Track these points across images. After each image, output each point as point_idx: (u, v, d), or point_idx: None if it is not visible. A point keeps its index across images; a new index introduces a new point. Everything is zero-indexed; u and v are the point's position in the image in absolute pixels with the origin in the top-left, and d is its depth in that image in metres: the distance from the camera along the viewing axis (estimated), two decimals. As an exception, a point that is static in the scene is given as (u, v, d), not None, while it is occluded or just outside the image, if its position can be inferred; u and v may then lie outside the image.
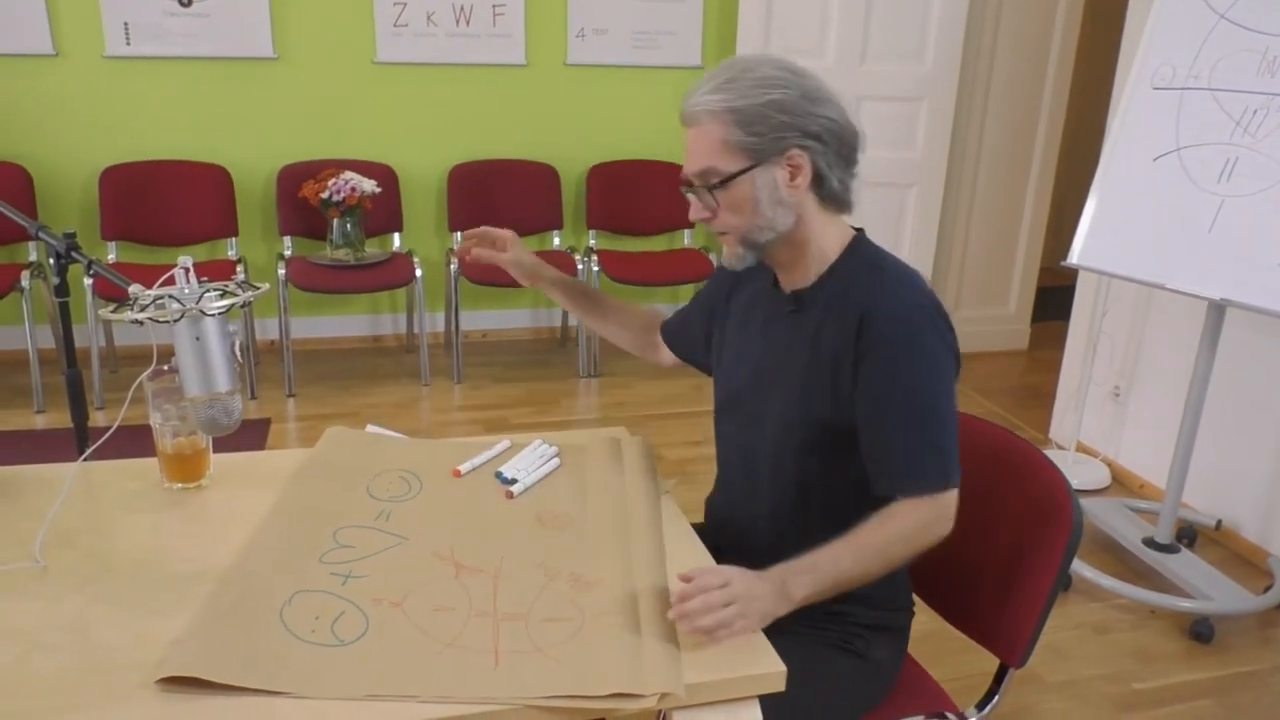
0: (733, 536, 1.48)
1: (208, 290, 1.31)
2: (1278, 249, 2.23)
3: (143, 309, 1.27)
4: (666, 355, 1.70)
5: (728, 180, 1.28)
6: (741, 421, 1.46)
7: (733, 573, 1.18)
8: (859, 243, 1.37)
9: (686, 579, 1.17)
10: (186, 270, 1.30)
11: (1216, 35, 2.43)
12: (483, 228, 1.65)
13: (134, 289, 1.31)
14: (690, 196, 1.34)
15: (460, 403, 3.89)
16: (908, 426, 1.28)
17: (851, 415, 1.31)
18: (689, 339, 1.64)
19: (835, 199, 1.33)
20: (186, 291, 1.30)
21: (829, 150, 1.29)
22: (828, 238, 1.35)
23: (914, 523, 1.27)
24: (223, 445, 1.51)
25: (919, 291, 1.30)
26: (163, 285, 1.31)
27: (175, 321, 1.28)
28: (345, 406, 3.77)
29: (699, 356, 1.63)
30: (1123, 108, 2.66)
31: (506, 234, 1.64)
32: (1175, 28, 2.54)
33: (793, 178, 1.29)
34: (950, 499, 1.29)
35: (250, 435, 3.42)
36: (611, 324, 1.72)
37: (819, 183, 1.30)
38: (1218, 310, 2.51)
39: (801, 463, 1.37)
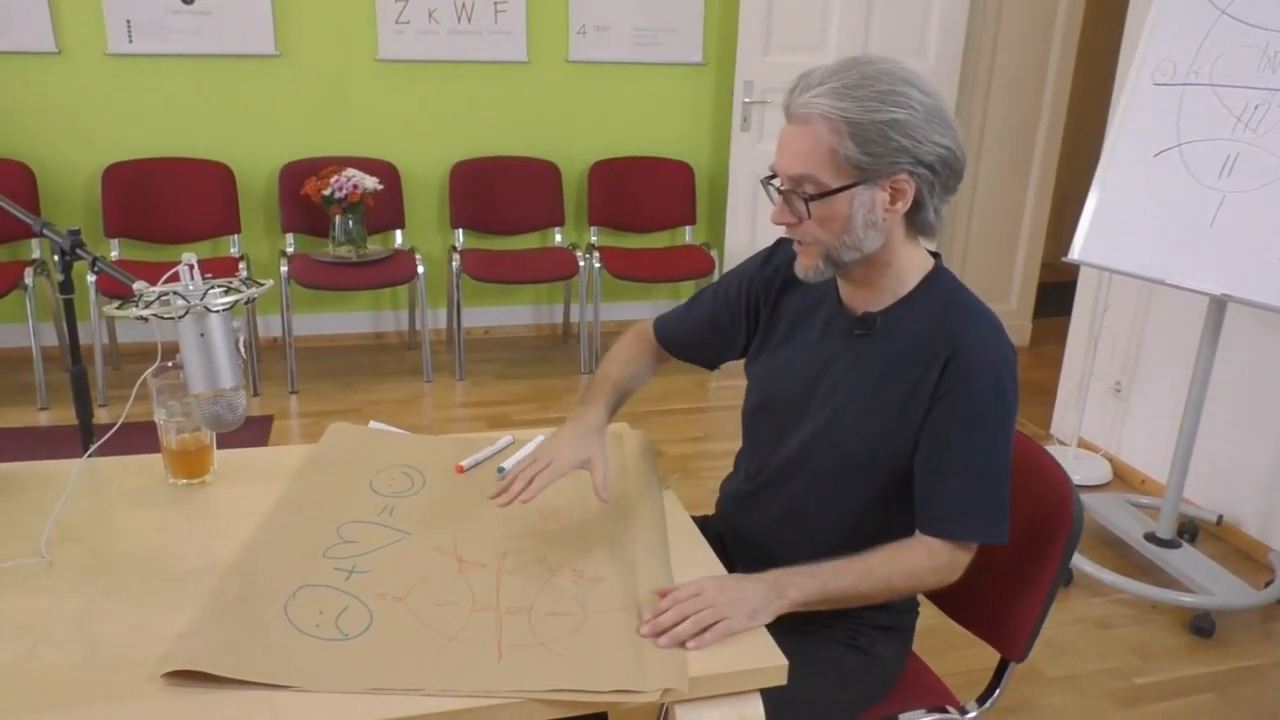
0: (746, 529, 1.49)
1: (212, 287, 1.32)
2: (1278, 244, 2.23)
3: (147, 306, 1.28)
4: (665, 357, 1.63)
5: (827, 194, 1.22)
6: (781, 428, 1.42)
7: (705, 582, 1.19)
8: (939, 272, 1.33)
9: (663, 594, 1.18)
10: (191, 267, 1.31)
11: (1217, 31, 2.43)
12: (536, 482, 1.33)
13: (139, 286, 1.31)
14: (776, 196, 1.27)
15: (463, 399, 3.90)
16: (981, 478, 1.26)
17: (910, 448, 1.29)
18: (702, 343, 1.57)
19: (925, 226, 1.27)
20: (191, 288, 1.30)
21: (937, 179, 1.22)
22: (908, 263, 1.30)
23: (927, 566, 1.28)
24: (225, 442, 1.52)
25: (1006, 341, 1.27)
26: (167, 282, 1.31)
27: (180, 318, 1.28)
28: (348, 403, 3.77)
29: (708, 357, 1.58)
30: (1123, 104, 2.66)
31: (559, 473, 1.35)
32: (1176, 24, 2.54)
33: (893, 201, 1.22)
34: (970, 554, 1.29)
35: (253, 432, 3.43)
36: (641, 383, 1.60)
37: (915, 209, 1.24)
38: (1219, 306, 2.51)
39: (842, 481, 1.35)
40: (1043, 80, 4.32)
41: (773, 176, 1.27)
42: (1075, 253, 2.70)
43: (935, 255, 1.35)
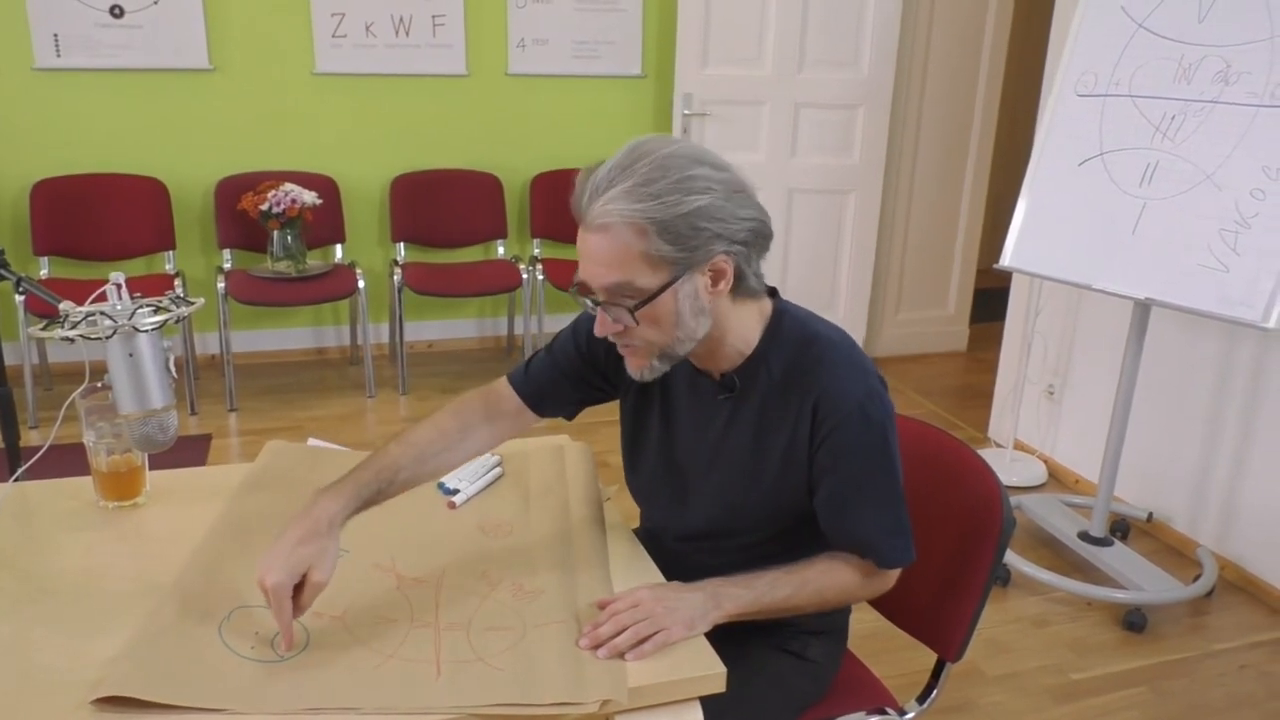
0: (668, 546, 1.49)
1: (140, 306, 1.30)
2: (1197, 249, 2.31)
3: (73, 326, 1.26)
4: (525, 421, 1.46)
5: (652, 298, 1.15)
6: (679, 496, 1.40)
7: (643, 592, 1.19)
8: (780, 316, 1.29)
9: (602, 605, 1.19)
10: (119, 286, 1.29)
11: (1135, 44, 2.52)
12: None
13: (65, 306, 1.29)
14: (594, 308, 1.19)
15: (406, 414, 3.86)
16: (876, 508, 1.27)
17: (804, 493, 1.30)
18: (568, 399, 1.47)
19: (749, 291, 1.24)
20: (119, 308, 1.28)
21: (752, 249, 1.19)
22: (745, 325, 1.27)
23: (858, 582, 1.31)
24: (163, 462, 1.49)
25: (863, 369, 1.25)
26: (95, 301, 1.29)
27: (107, 339, 1.27)
28: (289, 420, 3.72)
29: (571, 410, 1.49)
30: (1049, 114, 2.73)
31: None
32: (1097, 37, 2.62)
33: (715, 282, 1.18)
34: (898, 571, 1.33)
35: (191, 451, 3.37)
36: (453, 463, 1.41)
37: (737, 280, 1.20)
38: (1143, 309, 2.59)
39: (749, 536, 1.35)
40: (974, 88, 4.42)
41: (583, 288, 1.19)
42: (1006, 260, 2.77)
43: (772, 292, 1.31)
